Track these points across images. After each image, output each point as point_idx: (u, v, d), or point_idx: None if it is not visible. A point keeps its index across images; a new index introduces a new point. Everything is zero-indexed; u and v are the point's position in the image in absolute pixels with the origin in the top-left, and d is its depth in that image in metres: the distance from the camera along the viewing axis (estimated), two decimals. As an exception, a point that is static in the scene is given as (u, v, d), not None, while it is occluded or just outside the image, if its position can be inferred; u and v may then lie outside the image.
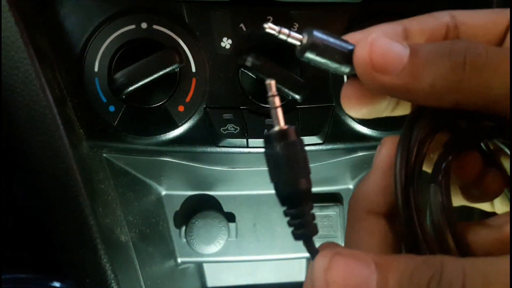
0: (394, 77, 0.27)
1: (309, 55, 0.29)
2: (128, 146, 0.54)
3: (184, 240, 0.72)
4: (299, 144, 0.29)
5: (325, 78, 0.54)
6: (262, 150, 0.55)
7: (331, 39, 0.30)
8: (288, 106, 0.54)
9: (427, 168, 0.31)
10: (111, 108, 0.52)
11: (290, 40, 0.30)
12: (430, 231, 0.27)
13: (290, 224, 0.29)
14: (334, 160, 0.63)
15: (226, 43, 0.53)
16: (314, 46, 0.29)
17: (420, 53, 0.27)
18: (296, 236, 0.29)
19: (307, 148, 0.30)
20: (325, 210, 0.75)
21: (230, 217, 0.75)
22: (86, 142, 0.53)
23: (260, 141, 0.54)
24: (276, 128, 0.29)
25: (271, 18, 0.53)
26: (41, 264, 0.85)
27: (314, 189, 0.29)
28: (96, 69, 0.51)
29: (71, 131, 0.50)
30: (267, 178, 0.30)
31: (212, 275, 0.86)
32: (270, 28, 0.29)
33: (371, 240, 0.29)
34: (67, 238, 0.55)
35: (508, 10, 0.31)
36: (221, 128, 0.53)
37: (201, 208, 0.74)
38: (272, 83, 0.29)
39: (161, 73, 0.49)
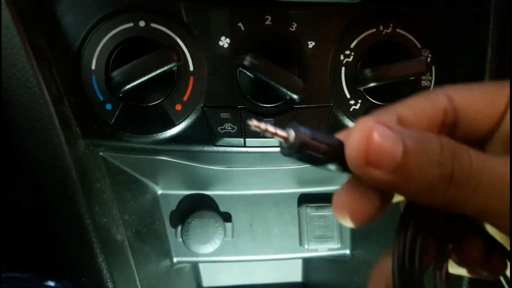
0: (386, 174, 0.26)
1: (296, 154, 0.28)
2: (124, 144, 0.54)
3: (180, 239, 0.72)
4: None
5: (323, 79, 0.54)
6: (260, 149, 0.55)
7: (319, 136, 0.28)
8: (285, 106, 0.54)
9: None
10: (108, 107, 0.52)
11: (276, 138, 0.28)
12: None
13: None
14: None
15: (224, 42, 0.53)
16: (302, 145, 0.28)
17: (411, 156, 0.26)
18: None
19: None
20: (321, 210, 0.75)
21: (227, 217, 0.75)
22: (83, 141, 0.53)
23: (257, 141, 0.54)
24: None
25: (269, 18, 0.53)
26: (37, 263, 0.84)
27: (312, 190, 0.29)
28: (93, 67, 0.51)
29: (67, 129, 0.50)
30: (264, 178, 0.29)
31: (208, 275, 0.86)
32: (255, 126, 0.27)
33: None
34: (63, 237, 0.55)
35: (506, 86, 0.30)
36: (219, 127, 0.53)
37: (197, 208, 0.74)
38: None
39: (158, 71, 0.49)
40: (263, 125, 0.28)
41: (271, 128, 0.28)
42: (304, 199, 0.76)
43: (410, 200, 0.30)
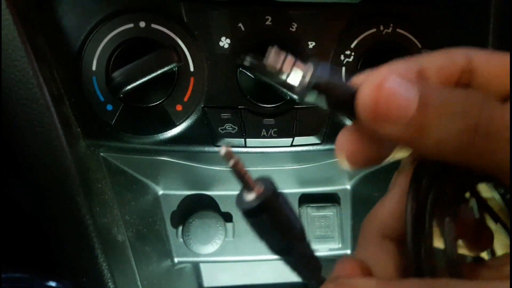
0: (398, 128, 0.25)
1: (310, 96, 0.27)
2: (125, 145, 0.54)
3: (181, 240, 0.72)
4: (283, 202, 0.27)
5: (323, 78, 0.54)
6: (260, 149, 0.56)
7: (336, 78, 0.27)
8: (286, 106, 0.54)
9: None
10: (109, 107, 0.52)
11: (289, 80, 0.27)
12: (441, 264, 0.27)
13: (294, 269, 0.28)
14: (331, 160, 0.63)
15: (225, 42, 0.53)
16: (317, 85, 0.26)
17: (430, 106, 0.25)
18: (305, 277, 0.28)
19: (305, 148, 0.30)
20: (322, 210, 0.75)
21: (227, 217, 0.75)
22: (84, 141, 0.53)
23: (258, 141, 0.54)
24: (253, 197, 0.26)
25: (269, 18, 0.53)
26: (38, 264, 0.84)
27: (312, 190, 0.29)
28: (94, 67, 0.51)
29: (68, 130, 0.50)
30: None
31: (208, 275, 0.86)
32: (275, 52, 0.26)
33: (387, 264, 0.29)
34: (64, 237, 0.55)
35: None
36: (219, 128, 0.53)
37: (198, 208, 0.74)
38: (227, 151, 0.26)
39: (159, 72, 0.49)
40: (282, 56, 0.26)
41: (290, 58, 0.26)
42: (305, 199, 0.76)
43: (424, 157, 0.28)
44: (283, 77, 0.26)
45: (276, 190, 0.26)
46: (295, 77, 0.26)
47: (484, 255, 0.35)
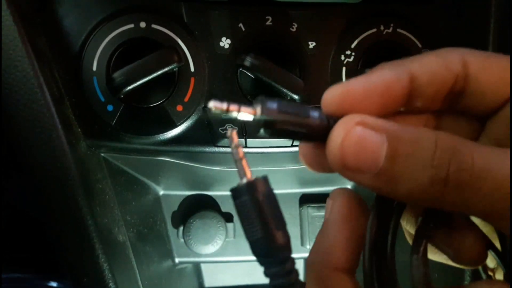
0: (368, 178, 0.25)
1: (265, 133, 0.26)
2: (126, 145, 0.54)
3: (182, 240, 0.72)
4: (271, 195, 0.26)
5: (324, 79, 0.54)
6: (261, 150, 0.56)
7: (290, 110, 0.25)
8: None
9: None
10: (109, 108, 0.52)
11: (240, 116, 0.25)
12: None
13: (272, 285, 0.26)
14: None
15: (225, 42, 0.53)
16: (269, 123, 0.25)
17: (399, 156, 0.24)
18: None
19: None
20: (323, 210, 0.75)
21: (228, 217, 0.75)
22: (84, 142, 0.53)
23: (258, 141, 0.54)
24: (244, 181, 0.26)
25: (270, 18, 0.53)
26: (39, 264, 0.84)
27: (313, 190, 0.28)
28: (94, 68, 0.51)
29: (69, 130, 0.50)
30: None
31: (209, 275, 0.86)
32: (216, 107, 0.25)
33: None
34: (64, 237, 0.55)
35: None
36: (220, 128, 0.53)
37: (199, 208, 0.74)
38: (233, 133, 0.26)
39: (159, 72, 0.49)
40: (225, 105, 0.25)
41: (233, 106, 0.25)
42: (306, 199, 0.76)
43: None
44: (234, 114, 0.25)
45: (268, 182, 0.26)
46: (245, 115, 0.26)
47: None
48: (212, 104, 0.25)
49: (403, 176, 0.24)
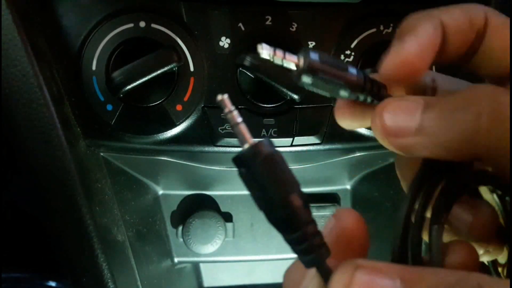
0: (409, 139, 0.26)
1: (306, 80, 0.27)
2: (125, 145, 0.54)
3: (181, 239, 0.72)
4: (277, 156, 0.25)
5: (323, 78, 0.54)
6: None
7: (330, 62, 0.27)
8: (286, 106, 0.54)
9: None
10: (109, 107, 0.52)
11: (285, 63, 0.27)
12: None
13: (295, 251, 0.25)
14: (331, 160, 0.63)
15: (225, 42, 0.53)
16: (311, 70, 0.26)
17: (436, 109, 0.25)
18: (308, 263, 0.25)
19: (305, 148, 0.29)
20: (322, 210, 0.75)
21: (227, 217, 0.75)
22: (83, 141, 0.53)
23: (258, 141, 0.54)
24: (246, 146, 0.25)
25: (270, 18, 0.53)
26: (38, 263, 0.84)
27: (312, 190, 0.28)
28: (94, 67, 0.51)
29: (68, 130, 0.50)
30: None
31: (208, 275, 0.86)
32: (264, 49, 0.26)
33: None
34: (63, 237, 0.55)
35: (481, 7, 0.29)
36: (219, 128, 0.53)
37: (198, 208, 0.74)
38: (224, 98, 0.25)
39: (159, 72, 0.49)
40: (272, 50, 0.26)
41: (279, 53, 0.26)
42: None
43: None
44: (278, 61, 0.27)
45: (272, 144, 0.25)
46: (290, 63, 0.27)
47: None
48: (262, 48, 0.26)
49: (441, 124, 0.24)
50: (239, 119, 0.25)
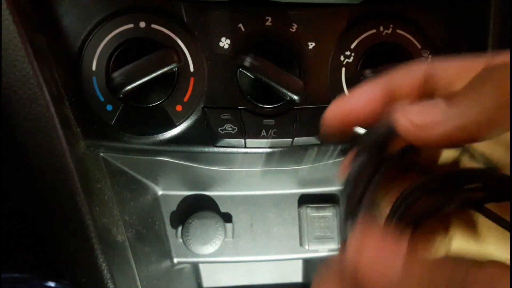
0: (440, 128, 0.26)
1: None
2: (125, 145, 0.54)
3: (181, 240, 0.72)
4: None
5: (323, 79, 0.54)
6: (260, 150, 0.56)
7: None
8: (286, 107, 0.54)
9: None
10: (109, 107, 0.52)
11: None
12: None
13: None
14: (331, 161, 0.63)
15: (225, 43, 0.53)
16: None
17: (456, 96, 0.26)
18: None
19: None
20: (321, 211, 0.75)
21: (227, 218, 0.75)
22: (83, 141, 0.53)
23: (258, 141, 0.54)
24: None
25: (270, 19, 0.53)
26: (37, 264, 0.84)
27: (312, 190, 0.29)
28: (93, 68, 0.51)
29: (68, 130, 0.50)
30: (264, 178, 0.29)
31: (208, 275, 0.86)
32: None
33: None
34: (63, 237, 0.54)
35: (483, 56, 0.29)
36: (219, 128, 0.53)
37: (197, 208, 0.74)
38: None
39: (159, 72, 0.49)
40: None
41: None
42: (305, 200, 0.76)
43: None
44: None
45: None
46: None
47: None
48: None
49: (465, 103, 0.25)
50: None
